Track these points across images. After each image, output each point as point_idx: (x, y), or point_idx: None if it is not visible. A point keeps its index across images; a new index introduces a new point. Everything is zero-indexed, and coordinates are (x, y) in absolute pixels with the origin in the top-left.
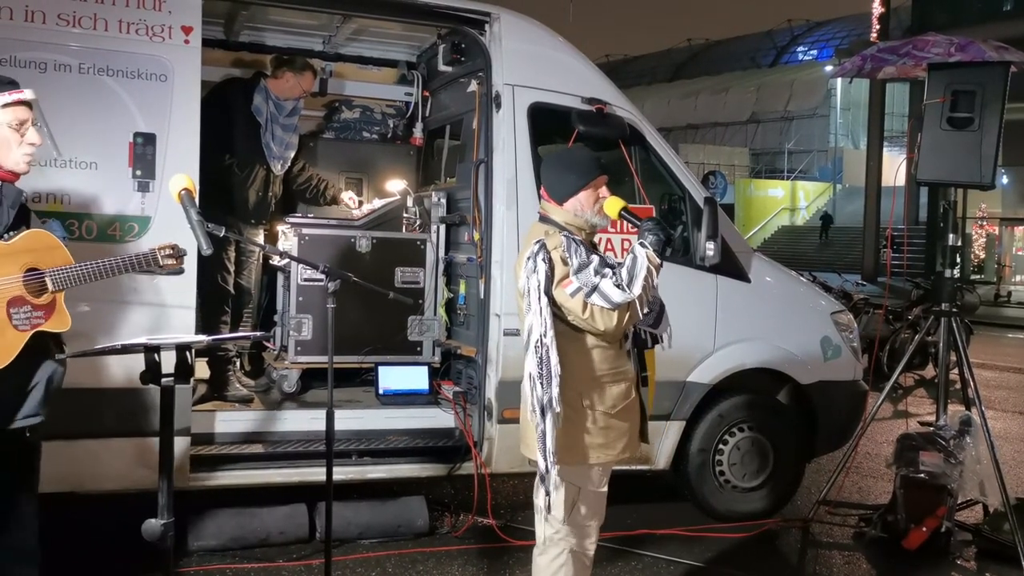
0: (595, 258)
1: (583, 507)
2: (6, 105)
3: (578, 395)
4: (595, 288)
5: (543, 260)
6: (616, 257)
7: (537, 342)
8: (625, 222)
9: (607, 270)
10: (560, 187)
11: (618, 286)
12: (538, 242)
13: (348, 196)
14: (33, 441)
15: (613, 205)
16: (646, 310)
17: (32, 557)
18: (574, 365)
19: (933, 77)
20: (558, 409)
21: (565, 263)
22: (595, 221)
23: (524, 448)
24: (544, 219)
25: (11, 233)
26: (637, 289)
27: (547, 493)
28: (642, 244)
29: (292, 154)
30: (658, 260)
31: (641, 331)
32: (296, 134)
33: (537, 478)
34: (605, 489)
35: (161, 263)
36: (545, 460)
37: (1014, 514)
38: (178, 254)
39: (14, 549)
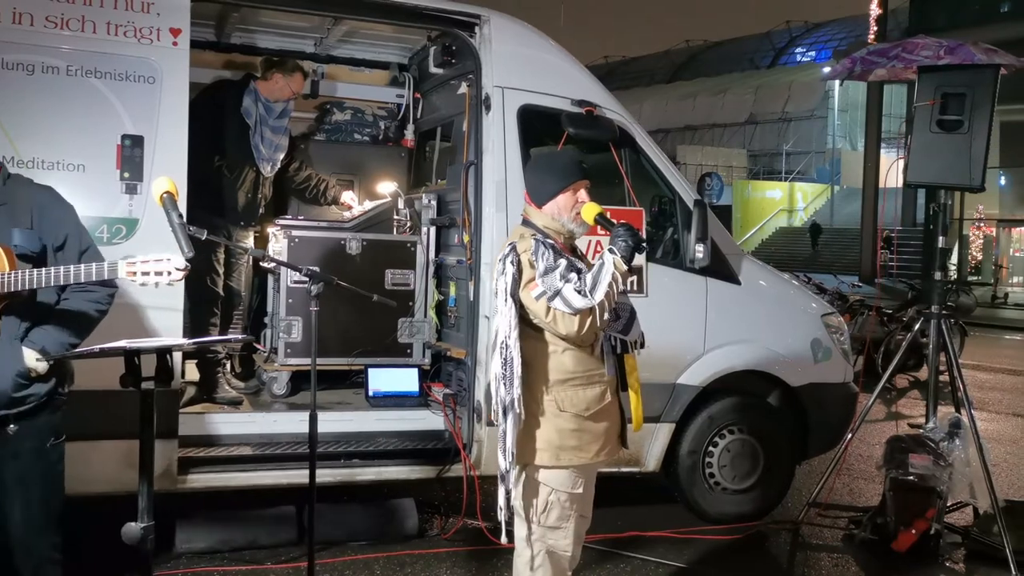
0: (562, 262)
1: (556, 509)
2: None
3: (549, 397)
4: (557, 292)
5: (511, 263)
6: None
7: (503, 344)
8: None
9: (572, 275)
10: (539, 190)
11: (579, 292)
12: (510, 244)
13: (349, 196)
14: (13, 435)
15: (589, 211)
16: (608, 316)
17: (39, 559)
18: (545, 367)
19: (923, 80)
20: (519, 410)
21: (532, 266)
22: (572, 227)
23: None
24: (526, 222)
25: None
26: (599, 296)
27: (508, 492)
28: (611, 250)
29: (282, 156)
30: (624, 267)
31: (612, 337)
32: (286, 136)
33: (499, 477)
34: (581, 491)
35: (127, 277)
36: (505, 459)
37: (1003, 516)
38: (166, 269)
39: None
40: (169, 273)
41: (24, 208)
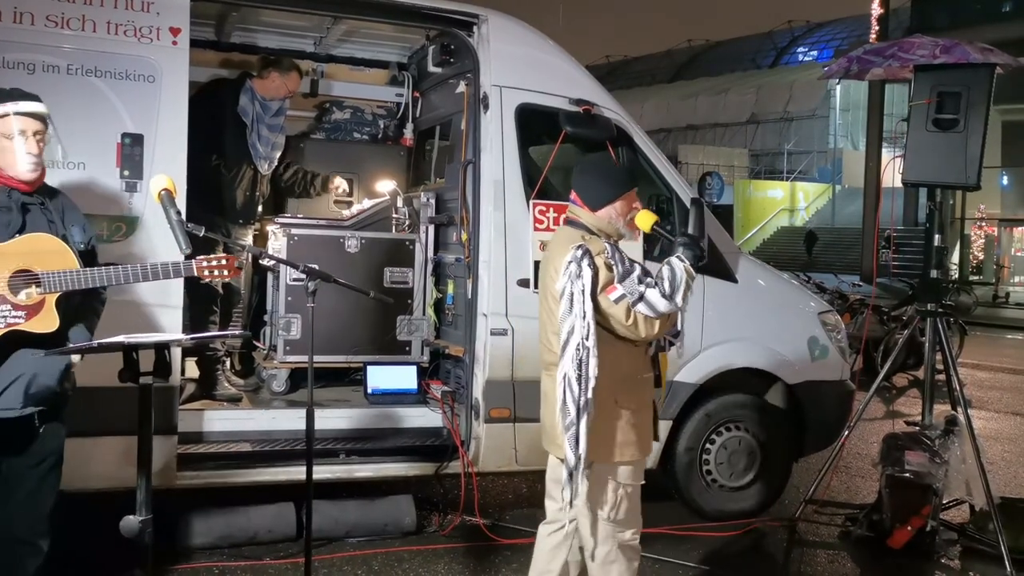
0: (637, 266)
1: (625, 503)
2: (7, 115)
3: (611, 395)
4: (641, 296)
5: (588, 265)
6: None
7: (578, 345)
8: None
9: (649, 279)
10: (597, 194)
11: (664, 296)
12: (580, 247)
13: (339, 181)
14: (39, 435)
15: (646, 219)
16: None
17: (32, 549)
18: (607, 366)
19: (919, 79)
20: (593, 409)
21: (610, 269)
22: (624, 231)
23: (549, 444)
24: (573, 223)
25: (17, 236)
26: (679, 300)
27: (573, 489)
28: (679, 258)
29: (278, 154)
30: (694, 273)
31: (663, 339)
32: (283, 134)
33: (565, 475)
34: (643, 481)
35: (198, 274)
36: (574, 456)
37: (998, 514)
38: (231, 266)
39: (15, 539)
40: (231, 271)
41: (56, 208)
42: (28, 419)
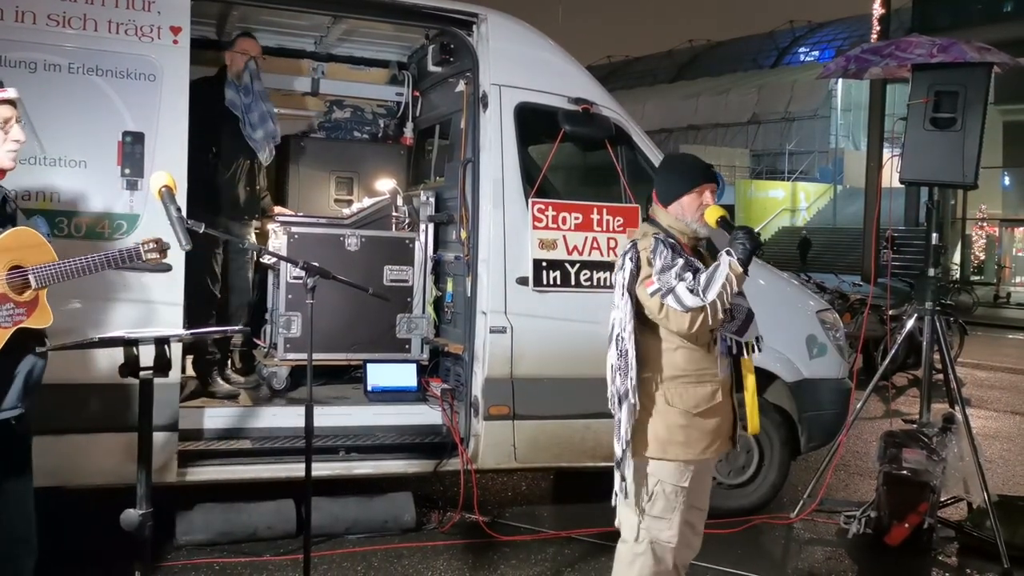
0: (679, 261)
1: (661, 499)
2: None
3: (660, 392)
4: (671, 290)
5: (631, 259)
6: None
7: (618, 336)
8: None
9: (688, 274)
10: (666, 191)
11: (691, 291)
12: (632, 241)
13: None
14: (21, 432)
15: (712, 213)
16: (722, 316)
17: (29, 547)
18: (657, 363)
19: (917, 78)
20: (633, 400)
21: (650, 264)
22: (696, 227)
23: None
24: (650, 220)
25: None
26: (711, 295)
27: (623, 478)
28: (728, 252)
29: (277, 141)
30: (740, 269)
31: (727, 337)
32: (274, 122)
33: (614, 463)
34: (687, 484)
35: (145, 258)
36: (621, 447)
37: (995, 511)
38: (162, 247)
39: (13, 539)
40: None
41: (11, 201)
42: (17, 417)
